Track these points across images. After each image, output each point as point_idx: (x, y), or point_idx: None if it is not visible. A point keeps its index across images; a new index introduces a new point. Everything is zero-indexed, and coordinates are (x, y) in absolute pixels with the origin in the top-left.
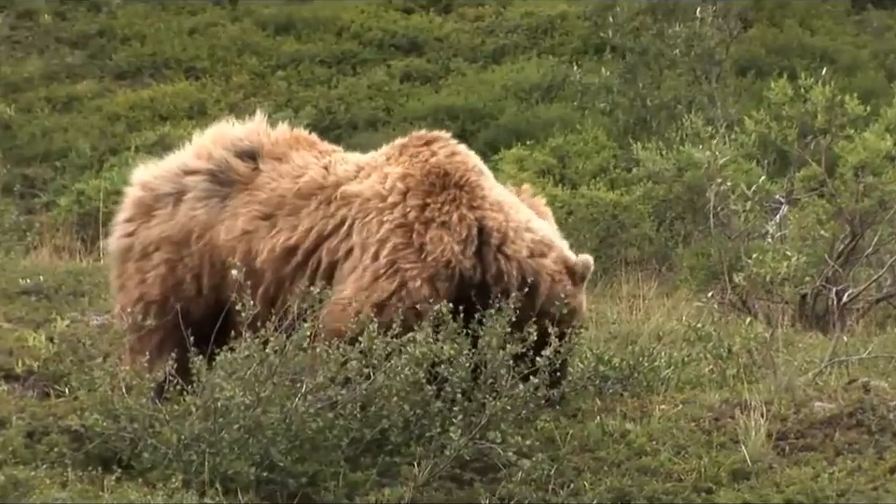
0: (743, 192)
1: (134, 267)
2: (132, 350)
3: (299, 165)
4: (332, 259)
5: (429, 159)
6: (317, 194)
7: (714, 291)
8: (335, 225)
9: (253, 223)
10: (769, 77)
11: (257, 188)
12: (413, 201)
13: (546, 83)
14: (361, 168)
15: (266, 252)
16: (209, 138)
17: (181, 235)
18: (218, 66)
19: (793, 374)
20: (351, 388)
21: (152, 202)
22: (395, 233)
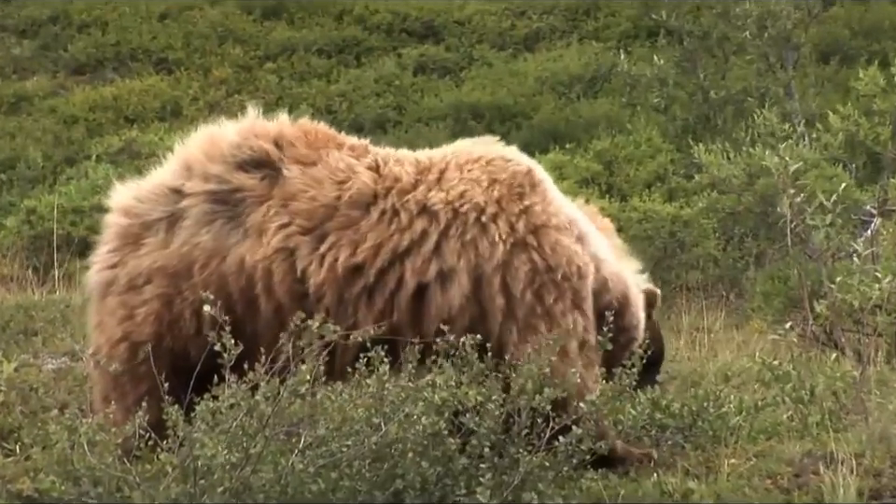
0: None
1: (117, 301)
2: (105, 399)
3: (338, 168)
4: (422, 281)
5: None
6: (377, 203)
7: (793, 322)
8: (414, 240)
9: (292, 239)
10: (856, 63)
11: (288, 197)
12: (517, 205)
13: (589, 74)
14: (423, 170)
15: (324, 272)
16: (199, 150)
17: (180, 265)
18: (195, 58)
19: (889, 421)
20: (359, 442)
21: (140, 230)
22: (514, 255)
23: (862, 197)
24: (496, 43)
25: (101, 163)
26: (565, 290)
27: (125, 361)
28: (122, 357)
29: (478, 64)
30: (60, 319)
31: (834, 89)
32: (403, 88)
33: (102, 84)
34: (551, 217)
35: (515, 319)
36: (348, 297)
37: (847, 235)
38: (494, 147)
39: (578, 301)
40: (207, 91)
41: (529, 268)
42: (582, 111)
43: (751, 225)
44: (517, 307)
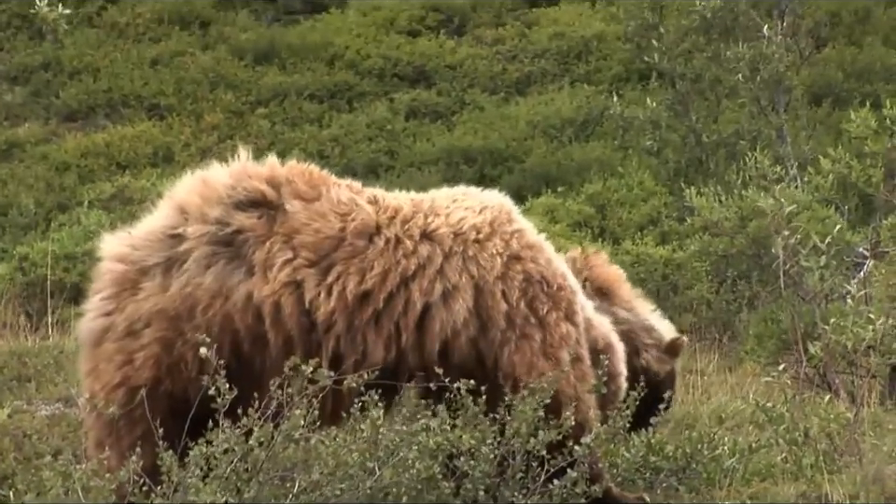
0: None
1: (115, 347)
2: (99, 445)
3: (340, 201)
4: (428, 301)
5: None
6: (381, 232)
7: (786, 364)
8: (420, 264)
9: (299, 272)
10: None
11: (292, 232)
12: (508, 227)
13: (581, 118)
14: (417, 203)
15: (333, 301)
16: (194, 193)
17: (181, 308)
18: (187, 103)
19: (883, 462)
20: (353, 486)
21: (136, 276)
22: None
23: (855, 239)
24: (487, 87)
25: (93, 209)
26: (558, 301)
27: (122, 406)
28: (119, 401)
29: (469, 108)
30: (53, 365)
31: (826, 131)
32: (395, 132)
33: (94, 130)
34: (541, 241)
35: (514, 328)
36: (358, 324)
37: (841, 277)
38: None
39: (570, 314)
40: (199, 137)
41: (523, 278)
42: (574, 154)
43: (744, 267)
44: (515, 316)
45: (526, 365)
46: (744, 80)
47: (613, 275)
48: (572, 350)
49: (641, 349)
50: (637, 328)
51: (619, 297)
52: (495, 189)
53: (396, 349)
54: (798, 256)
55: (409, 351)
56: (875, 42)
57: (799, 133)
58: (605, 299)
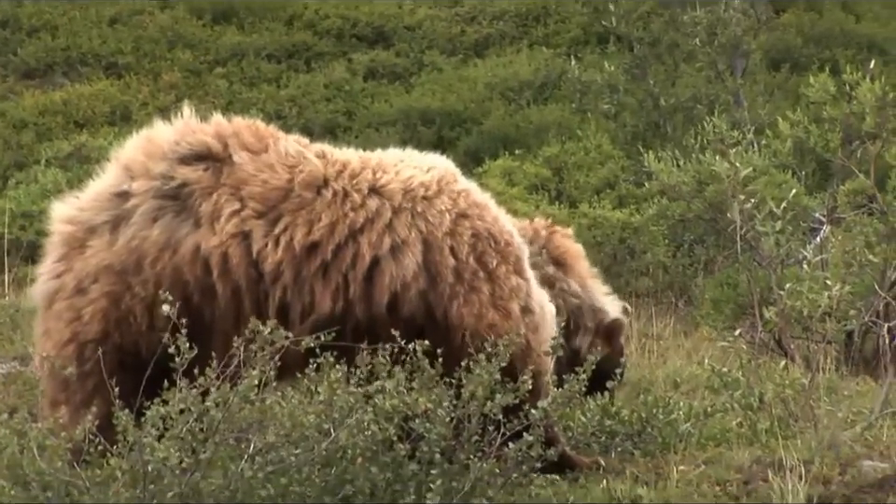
0: (773, 210)
1: (65, 305)
2: (53, 403)
3: (288, 154)
4: (377, 254)
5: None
6: (328, 185)
7: (742, 329)
8: (368, 217)
9: (247, 223)
10: (806, 71)
11: (239, 183)
12: (455, 186)
13: (539, 80)
14: (365, 160)
15: (281, 252)
16: (138, 151)
17: (128, 262)
18: (145, 62)
19: (838, 428)
20: (308, 448)
21: (85, 235)
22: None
23: (811, 204)
24: (446, 49)
25: (50, 168)
26: (507, 255)
27: (73, 362)
28: (70, 357)
29: (428, 70)
30: (9, 323)
31: (784, 96)
32: (353, 93)
33: (51, 88)
34: (486, 200)
35: (462, 282)
36: (305, 274)
37: (797, 242)
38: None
39: (519, 268)
40: (157, 96)
41: (471, 234)
42: (532, 117)
43: (701, 232)
44: (463, 270)
45: (475, 316)
46: (701, 45)
47: (573, 249)
48: (522, 302)
49: (580, 332)
50: (585, 307)
51: (574, 271)
52: (452, 150)
53: (343, 300)
54: (754, 220)
55: (356, 302)
56: (834, 7)
57: (756, 98)
58: (561, 269)
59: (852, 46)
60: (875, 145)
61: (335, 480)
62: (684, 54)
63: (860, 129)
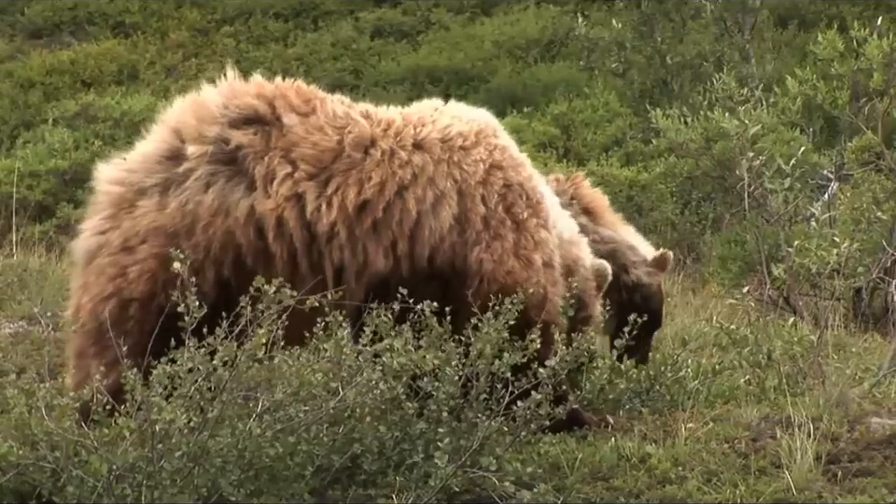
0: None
1: (108, 261)
2: (80, 354)
3: (336, 115)
4: (419, 210)
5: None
6: (376, 144)
7: (750, 286)
8: (414, 173)
9: (300, 185)
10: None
11: (290, 146)
12: (493, 140)
13: (546, 38)
14: (406, 115)
15: (335, 212)
16: (188, 115)
17: (180, 225)
18: (152, 21)
19: (846, 385)
20: (316, 407)
21: (134, 196)
22: (491, 173)
23: (820, 161)
24: (453, 6)
25: (57, 127)
26: (538, 210)
27: (113, 317)
28: (110, 313)
29: (435, 28)
30: (17, 283)
31: (792, 53)
32: (360, 52)
33: (59, 48)
34: (523, 158)
35: (489, 229)
36: (359, 233)
37: (805, 199)
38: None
39: (546, 222)
40: (164, 55)
41: (503, 184)
42: (540, 75)
43: (709, 189)
44: (491, 219)
45: (494, 262)
46: (709, 1)
47: (599, 198)
48: (546, 256)
49: (629, 266)
50: (623, 246)
51: (604, 218)
52: None
53: (393, 257)
54: (763, 178)
55: (403, 259)
56: None
57: (764, 55)
58: (591, 218)
59: (859, 2)
60: (882, 102)
61: (343, 438)
62: (692, 11)
63: (867, 86)
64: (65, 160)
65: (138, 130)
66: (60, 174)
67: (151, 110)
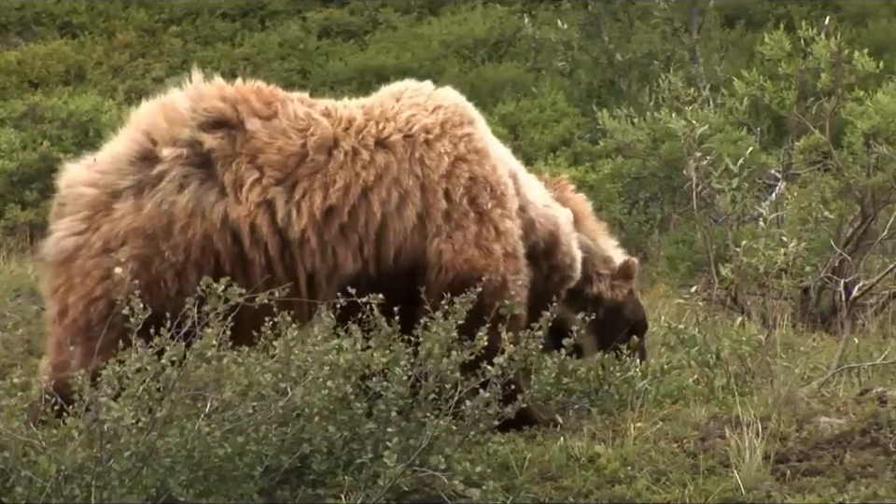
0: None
1: (92, 263)
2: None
3: (297, 117)
4: (384, 211)
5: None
6: (339, 145)
7: (698, 286)
8: (378, 174)
9: (269, 191)
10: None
11: (256, 152)
12: (459, 130)
13: (493, 38)
14: (368, 109)
15: (305, 218)
16: (157, 118)
17: (159, 225)
18: (100, 22)
19: (794, 384)
20: (265, 406)
21: (109, 199)
22: (456, 166)
23: (767, 161)
24: (400, 6)
25: (5, 127)
26: (502, 199)
27: (101, 316)
28: (99, 313)
29: (382, 28)
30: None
31: (739, 53)
32: (308, 51)
33: (5, 48)
34: (488, 147)
35: (450, 222)
36: (327, 238)
37: (753, 199)
38: (426, 84)
39: (511, 213)
40: (111, 55)
41: (469, 177)
42: (487, 75)
43: (656, 189)
44: (454, 212)
45: (454, 251)
46: (657, 1)
47: (581, 204)
48: (510, 246)
49: (594, 279)
50: (596, 258)
51: (584, 225)
52: None
53: (361, 260)
54: (710, 178)
55: (370, 261)
56: None
57: (712, 55)
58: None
59: (807, 2)
60: (830, 101)
61: (292, 438)
62: (639, 11)
63: (815, 85)
64: (13, 160)
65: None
66: (7, 175)
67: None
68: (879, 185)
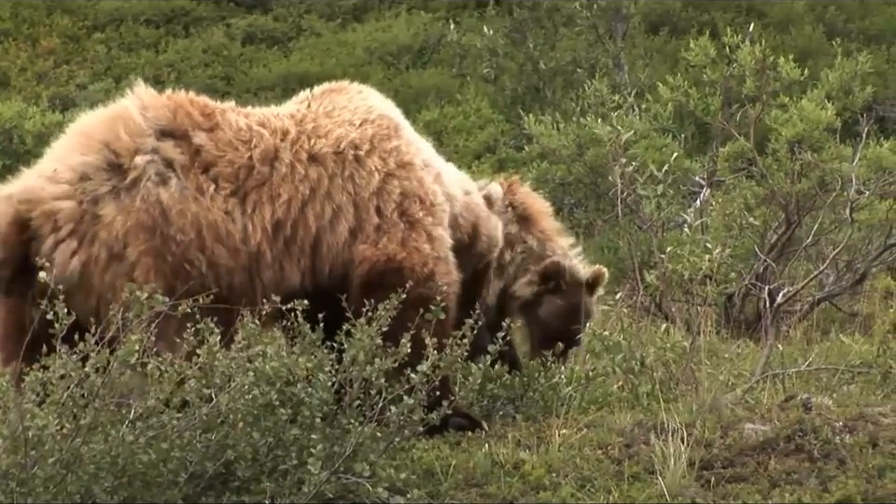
0: (654, 173)
1: (111, 276)
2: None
3: (240, 128)
4: (320, 225)
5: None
6: (278, 156)
7: (623, 292)
8: (312, 188)
9: (228, 202)
10: (686, 34)
11: (208, 165)
12: (387, 144)
13: (418, 45)
14: (300, 121)
15: (259, 231)
16: (117, 130)
17: (155, 215)
18: (24, 28)
19: (719, 391)
20: (189, 413)
21: (90, 207)
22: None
23: (692, 167)
24: (324, 13)
25: None
26: (433, 210)
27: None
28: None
29: (306, 35)
30: None
31: (663, 60)
32: (232, 58)
33: None
34: (414, 157)
35: (378, 231)
36: (276, 253)
37: (677, 206)
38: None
39: (442, 222)
40: (35, 62)
41: (399, 192)
42: (411, 81)
43: (581, 195)
44: (384, 223)
45: (376, 249)
46: (581, 8)
47: (537, 206)
48: (442, 252)
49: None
50: (534, 256)
51: (539, 225)
52: None
53: (300, 275)
54: (635, 184)
55: (306, 275)
56: None
57: (636, 62)
58: (525, 226)
59: (731, 9)
60: (754, 108)
61: (216, 445)
62: (564, 18)
63: (739, 92)
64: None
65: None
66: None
67: (22, 117)
68: (803, 192)
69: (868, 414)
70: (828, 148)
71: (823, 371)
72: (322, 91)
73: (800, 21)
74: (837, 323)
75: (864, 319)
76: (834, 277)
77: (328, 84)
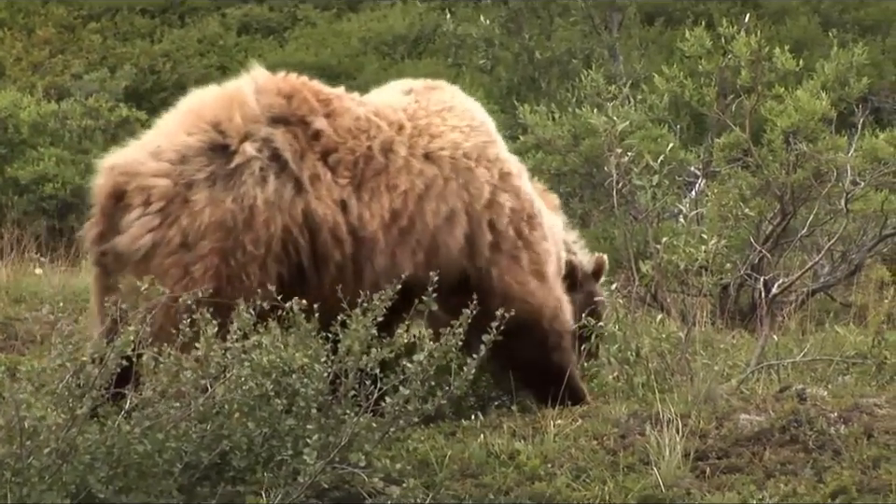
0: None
1: (171, 261)
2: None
3: (357, 117)
4: (436, 224)
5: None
6: (394, 149)
7: (618, 283)
8: (427, 185)
9: (347, 189)
10: (681, 25)
11: (327, 150)
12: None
13: (413, 35)
14: (411, 117)
15: (376, 219)
16: (232, 111)
17: (240, 218)
18: (19, 18)
19: (714, 381)
20: (185, 404)
21: (184, 190)
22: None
23: (688, 158)
24: (319, 3)
25: None
26: (536, 224)
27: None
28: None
29: (302, 24)
30: None
31: (659, 50)
32: (227, 48)
33: None
34: (512, 166)
35: (501, 252)
36: (392, 241)
37: (673, 196)
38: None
39: (545, 234)
40: (31, 51)
41: (510, 206)
42: (407, 71)
43: (577, 186)
44: (502, 241)
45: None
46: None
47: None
48: (553, 266)
49: None
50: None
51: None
52: None
53: (414, 267)
54: (631, 174)
55: (420, 268)
56: None
57: (631, 53)
58: None
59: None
60: (749, 98)
61: (212, 435)
62: (559, 8)
63: (735, 83)
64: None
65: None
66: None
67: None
68: (799, 182)
69: (863, 405)
70: (823, 139)
71: (818, 362)
72: (424, 87)
73: (795, 11)
74: (832, 314)
75: (859, 310)
76: (829, 268)
77: (423, 80)
